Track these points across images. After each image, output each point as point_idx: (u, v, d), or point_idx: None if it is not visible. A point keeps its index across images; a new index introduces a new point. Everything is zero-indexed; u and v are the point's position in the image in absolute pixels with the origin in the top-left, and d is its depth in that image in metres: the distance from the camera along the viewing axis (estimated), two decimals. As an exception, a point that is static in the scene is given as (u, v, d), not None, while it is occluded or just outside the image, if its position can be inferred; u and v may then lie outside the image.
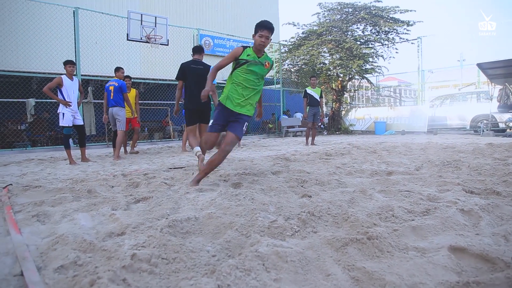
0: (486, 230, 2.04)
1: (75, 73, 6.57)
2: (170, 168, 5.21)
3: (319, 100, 9.59)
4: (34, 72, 10.64)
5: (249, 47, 3.72)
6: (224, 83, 10.92)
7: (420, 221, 2.16)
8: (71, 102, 6.33)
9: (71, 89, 6.41)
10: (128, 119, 8.13)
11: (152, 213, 2.63)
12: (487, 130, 11.81)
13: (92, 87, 11.75)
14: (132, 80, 9.14)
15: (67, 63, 6.45)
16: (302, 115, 17.86)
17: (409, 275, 1.52)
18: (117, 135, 7.33)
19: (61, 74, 6.52)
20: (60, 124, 6.40)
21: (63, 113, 6.32)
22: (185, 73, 5.81)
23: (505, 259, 1.56)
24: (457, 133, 13.37)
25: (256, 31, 3.57)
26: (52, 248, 1.93)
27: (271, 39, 3.75)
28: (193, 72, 5.75)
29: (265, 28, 3.54)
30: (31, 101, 9.90)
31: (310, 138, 9.78)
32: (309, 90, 9.62)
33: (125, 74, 8.34)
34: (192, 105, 5.64)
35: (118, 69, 7.83)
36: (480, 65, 12.01)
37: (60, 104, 6.31)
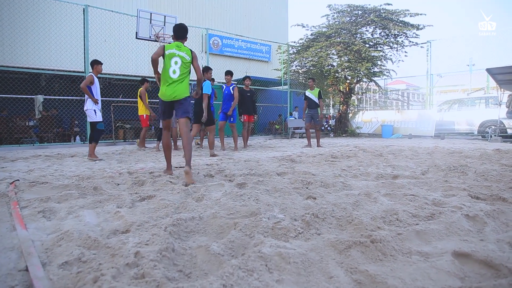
0: (490, 236, 2.03)
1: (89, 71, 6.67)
2: (176, 167, 5.24)
3: (317, 102, 9.56)
4: (43, 69, 10.75)
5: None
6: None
7: (424, 226, 2.14)
8: (98, 100, 6.58)
9: (98, 87, 6.63)
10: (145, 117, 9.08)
11: (156, 211, 2.65)
12: (495, 135, 11.70)
13: (101, 85, 11.83)
14: (140, 78, 9.29)
15: (99, 62, 6.70)
16: (295, 116, 17.91)
17: (412, 279, 1.52)
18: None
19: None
20: (95, 120, 6.55)
21: (95, 110, 6.51)
22: None
23: (509, 266, 1.55)
24: (465, 138, 13.27)
25: None
26: (57, 244, 1.95)
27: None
28: None
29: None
30: (40, 98, 9.98)
31: (313, 140, 9.81)
32: (307, 93, 9.65)
33: (134, 74, 8.70)
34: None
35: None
36: (489, 70, 11.89)
37: (90, 101, 6.46)
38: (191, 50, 4.45)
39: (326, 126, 19.35)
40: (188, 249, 1.84)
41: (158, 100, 4.84)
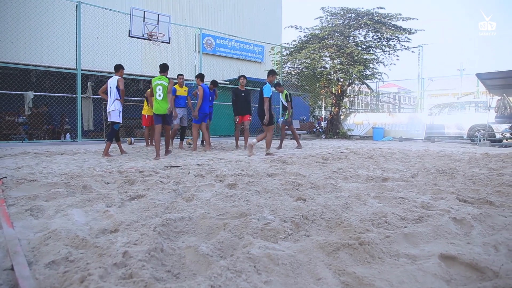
0: (477, 239, 2.06)
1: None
2: (167, 167, 5.22)
3: (286, 104, 9.58)
4: (33, 65, 10.62)
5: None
6: (224, 83, 10.85)
7: (412, 228, 2.16)
8: None
9: None
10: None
11: (146, 211, 2.63)
12: (484, 140, 11.85)
13: (92, 82, 11.74)
14: (133, 77, 9.30)
15: (123, 67, 7.37)
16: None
17: (399, 282, 1.53)
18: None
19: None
20: (117, 121, 7.10)
21: (119, 111, 7.12)
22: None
23: (494, 269, 1.57)
24: (454, 142, 13.41)
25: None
26: (44, 243, 1.93)
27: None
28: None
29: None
30: (30, 94, 9.87)
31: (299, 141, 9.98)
32: (280, 97, 9.69)
33: (126, 72, 8.89)
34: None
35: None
36: (479, 75, 12.04)
37: (118, 103, 7.06)
38: (168, 79, 6.88)
39: (318, 127, 19.41)
40: (177, 249, 1.84)
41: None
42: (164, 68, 6.93)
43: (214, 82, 9.51)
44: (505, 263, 1.64)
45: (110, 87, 7.07)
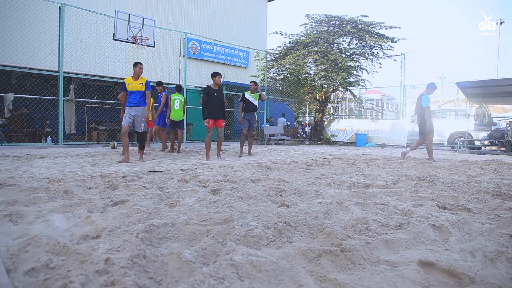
0: (455, 245, 2.11)
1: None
2: (150, 172, 5.18)
3: (256, 105, 9.11)
4: (14, 66, 10.42)
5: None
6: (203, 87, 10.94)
7: (393, 235, 2.21)
8: None
9: None
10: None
11: (129, 216, 2.61)
12: (463, 147, 12.12)
13: (75, 85, 11.57)
14: (116, 80, 9.24)
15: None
16: (288, 123, 17.92)
17: (379, 288, 1.56)
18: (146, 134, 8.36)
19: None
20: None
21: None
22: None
23: (470, 275, 1.62)
24: (435, 149, 13.67)
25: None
26: (24, 249, 1.89)
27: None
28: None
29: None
30: (10, 96, 9.68)
31: (245, 147, 9.61)
32: (246, 95, 9.00)
33: (110, 75, 8.86)
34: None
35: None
36: (459, 84, 12.34)
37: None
38: (183, 96, 9.36)
39: (302, 133, 19.55)
40: (159, 256, 1.83)
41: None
42: (179, 89, 9.47)
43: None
44: (481, 269, 1.69)
45: None
